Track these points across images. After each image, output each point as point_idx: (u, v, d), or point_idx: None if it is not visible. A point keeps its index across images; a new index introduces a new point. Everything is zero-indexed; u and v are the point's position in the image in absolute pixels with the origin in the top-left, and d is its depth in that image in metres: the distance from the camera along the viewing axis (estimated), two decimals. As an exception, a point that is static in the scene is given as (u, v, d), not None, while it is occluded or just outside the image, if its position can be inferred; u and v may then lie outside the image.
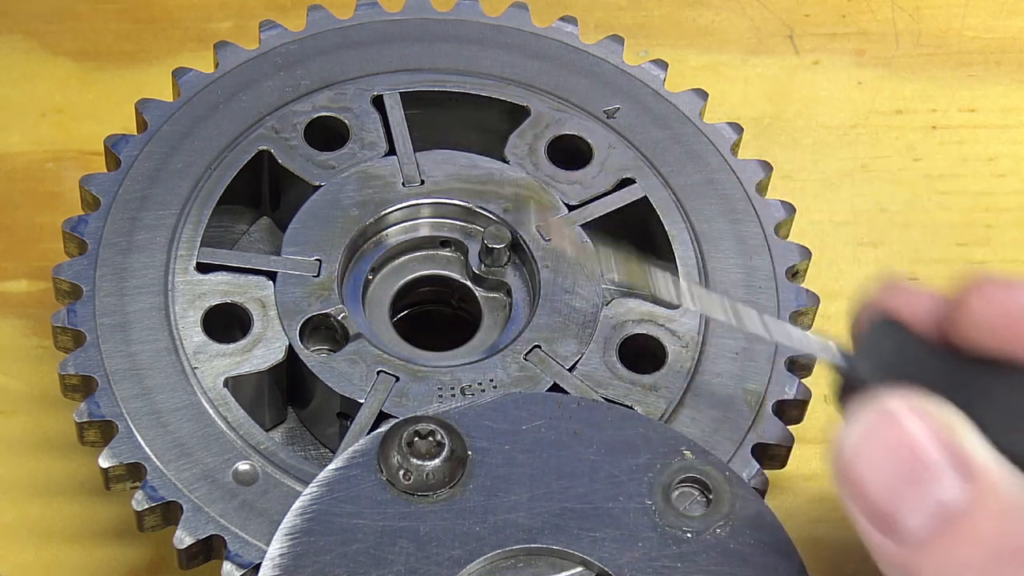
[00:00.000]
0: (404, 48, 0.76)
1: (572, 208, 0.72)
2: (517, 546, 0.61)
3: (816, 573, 0.73)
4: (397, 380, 0.67)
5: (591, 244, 0.71)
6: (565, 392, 0.67)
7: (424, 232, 0.72)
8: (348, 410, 0.67)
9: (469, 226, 0.72)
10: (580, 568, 0.61)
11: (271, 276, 0.69)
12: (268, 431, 0.69)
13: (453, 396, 0.67)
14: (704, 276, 0.71)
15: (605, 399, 0.67)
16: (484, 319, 0.72)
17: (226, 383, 0.67)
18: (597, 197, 0.72)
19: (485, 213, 0.72)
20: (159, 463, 0.65)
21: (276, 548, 0.61)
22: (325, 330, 0.69)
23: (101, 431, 0.66)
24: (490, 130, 0.75)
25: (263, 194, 0.74)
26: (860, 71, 0.89)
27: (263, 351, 0.68)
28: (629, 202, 0.72)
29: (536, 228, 0.71)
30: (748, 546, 0.61)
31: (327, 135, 0.73)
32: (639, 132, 0.74)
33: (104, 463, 0.65)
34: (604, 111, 0.75)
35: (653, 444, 0.63)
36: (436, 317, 0.74)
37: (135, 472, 0.65)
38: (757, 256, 0.71)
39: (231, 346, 0.67)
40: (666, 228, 0.72)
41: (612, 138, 0.74)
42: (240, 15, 0.88)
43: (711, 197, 0.73)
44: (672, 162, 0.74)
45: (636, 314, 0.70)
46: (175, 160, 0.72)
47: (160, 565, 0.72)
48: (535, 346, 0.68)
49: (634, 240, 0.74)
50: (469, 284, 0.72)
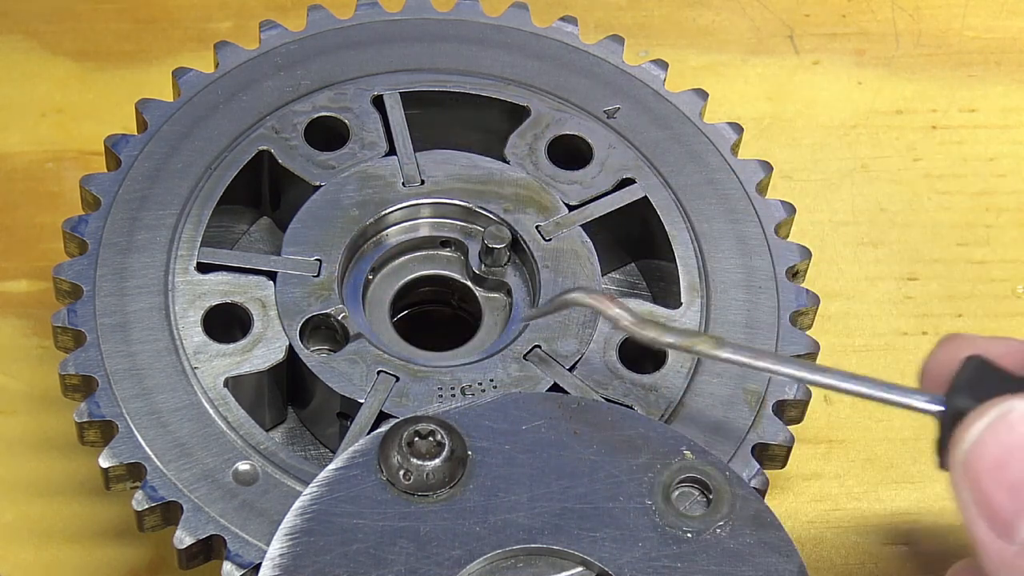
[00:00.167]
0: (404, 48, 0.76)
1: (572, 208, 0.72)
2: (517, 546, 0.61)
3: (816, 573, 0.73)
4: (397, 380, 0.67)
5: (591, 244, 0.71)
6: (565, 392, 0.67)
7: (424, 232, 0.72)
8: (348, 410, 0.67)
9: (469, 226, 0.72)
10: (580, 568, 0.61)
11: (271, 276, 0.69)
12: (268, 431, 0.69)
13: (453, 396, 0.67)
14: (704, 276, 0.71)
15: (605, 399, 0.67)
16: (484, 319, 0.72)
17: (226, 383, 0.67)
18: (597, 197, 0.72)
19: (485, 213, 0.72)
20: (159, 463, 0.65)
21: (276, 548, 0.61)
22: (325, 330, 0.69)
23: (101, 431, 0.66)
24: (490, 130, 0.75)
25: (263, 194, 0.74)
26: (860, 71, 0.89)
27: (263, 351, 0.68)
28: (629, 202, 0.72)
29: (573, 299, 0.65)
30: (748, 546, 0.61)
31: (327, 135, 0.73)
32: (639, 132, 0.74)
33: (104, 463, 0.65)
34: (604, 111, 0.75)
35: (653, 444, 0.63)
36: (436, 317, 0.74)
37: (135, 472, 0.65)
38: (757, 256, 0.71)
39: (231, 346, 0.67)
40: (666, 228, 0.72)
41: (612, 138, 0.74)
42: (240, 15, 0.88)
43: (711, 197, 0.73)
44: (672, 162, 0.74)
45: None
46: (175, 160, 0.72)
47: (160, 565, 0.72)
48: (535, 346, 0.68)
49: (634, 240, 0.74)
50: (469, 284, 0.72)
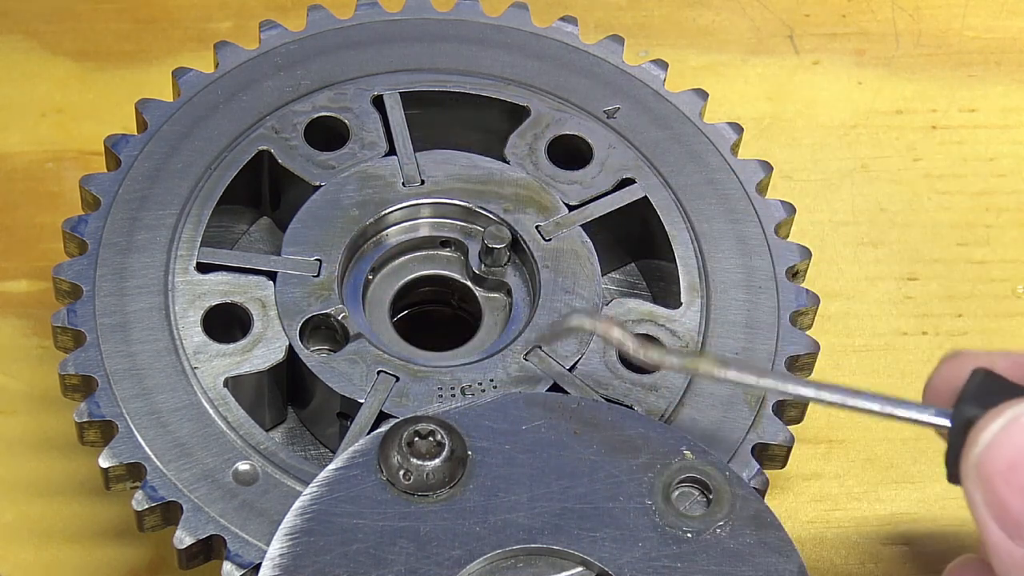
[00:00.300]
0: (404, 48, 0.76)
1: (572, 208, 0.72)
2: (517, 546, 0.61)
3: (816, 573, 0.73)
4: (397, 380, 0.67)
5: (591, 244, 0.71)
6: (565, 392, 0.67)
7: (424, 232, 0.72)
8: (348, 410, 0.67)
9: (469, 226, 0.72)
10: (580, 568, 0.61)
11: (271, 276, 0.69)
12: (268, 431, 0.69)
13: (453, 396, 0.67)
14: (704, 276, 0.71)
15: (605, 399, 0.67)
16: (484, 319, 0.72)
17: (226, 383, 0.67)
18: (597, 197, 0.72)
19: (485, 213, 0.72)
20: (159, 463, 0.65)
21: (276, 548, 0.61)
22: (325, 330, 0.69)
23: (101, 431, 0.66)
24: (490, 130, 0.75)
25: (263, 194, 0.74)
26: (860, 71, 0.89)
27: (263, 351, 0.68)
28: (629, 202, 0.72)
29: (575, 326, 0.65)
30: (748, 546, 0.61)
31: (327, 135, 0.73)
32: (639, 132, 0.74)
33: (104, 463, 0.65)
34: (604, 111, 0.75)
35: (653, 444, 0.63)
36: (436, 317, 0.74)
37: (135, 472, 0.65)
38: (757, 256, 0.71)
39: (231, 346, 0.67)
40: (666, 228, 0.72)
41: (612, 138, 0.74)
42: (240, 15, 0.88)
43: (711, 197, 0.73)
44: (672, 162, 0.74)
45: (636, 314, 0.70)
46: (175, 160, 0.72)
47: (160, 565, 0.72)
48: (535, 346, 0.68)
49: (634, 240, 0.74)
50: (469, 284, 0.72)
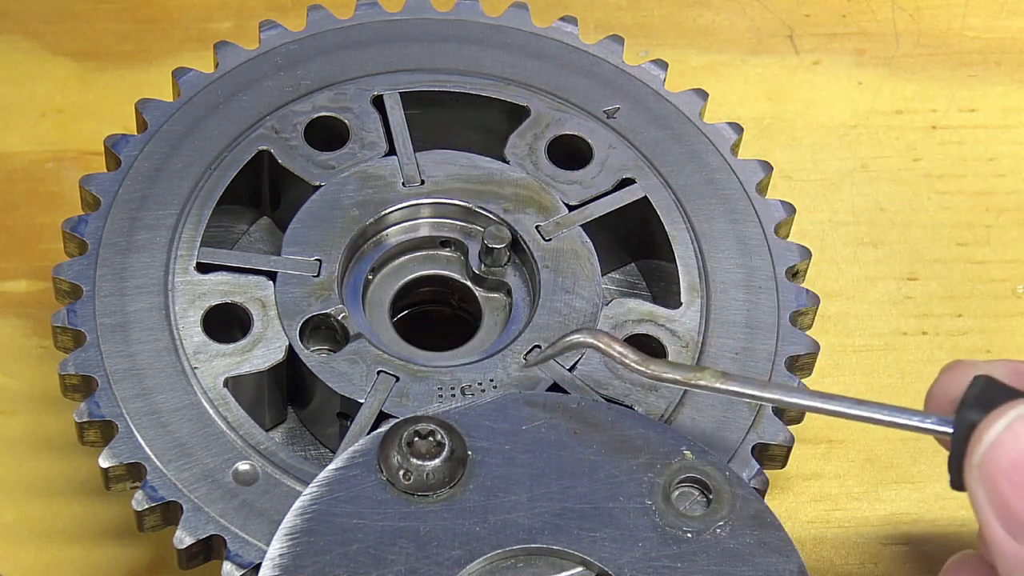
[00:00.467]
0: (404, 48, 0.76)
1: (572, 208, 0.72)
2: (517, 546, 0.61)
3: (816, 573, 0.73)
4: (397, 380, 0.67)
5: (591, 244, 0.71)
6: (565, 392, 0.67)
7: (424, 232, 0.72)
8: (348, 410, 0.67)
9: (469, 226, 0.72)
10: (580, 568, 0.61)
11: (271, 276, 0.69)
12: (268, 431, 0.69)
13: (453, 396, 0.67)
14: (704, 276, 0.71)
15: (605, 399, 0.67)
16: (484, 319, 0.72)
17: (226, 383, 0.67)
18: (597, 197, 0.72)
19: (485, 213, 0.72)
20: (159, 463, 0.65)
21: (276, 548, 0.61)
22: (325, 330, 0.69)
23: (101, 431, 0.66)
24: (490, 130, 0.75)
25: (263, 194, 0.74)
26: (860, 71, 0.89)
27: (263, 351, 0.68)
28: (629, 202, 0.72)
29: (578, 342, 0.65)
30: (748, 546, 0.61)
31: (327, 135, 0.73)
32: (639, 132, 0.74)
33: (104, 463, 0.65)
34: (604, 111, 0.75)
35: (653, 444, 0.63)
36: (436, 317, 0.74)
37: (135, 472, 0.65)
38: (757, 256, 0.71)
39: (231, 346, 0.67)
40: (666, 228, 0.72)
41: (612, 138, 0.74)
42: (240, 15, 0.88)
43: (711, 197, 0.73)
44: (672, 162, 0.74)
45: (636, 314, 0.70)
46: (175, 160, 0.72)
47: (160, 565, 0.72)
48: (535, 346, 0.68)
49: (634, 240, 0.74)
50: (469, 284, 0.72)
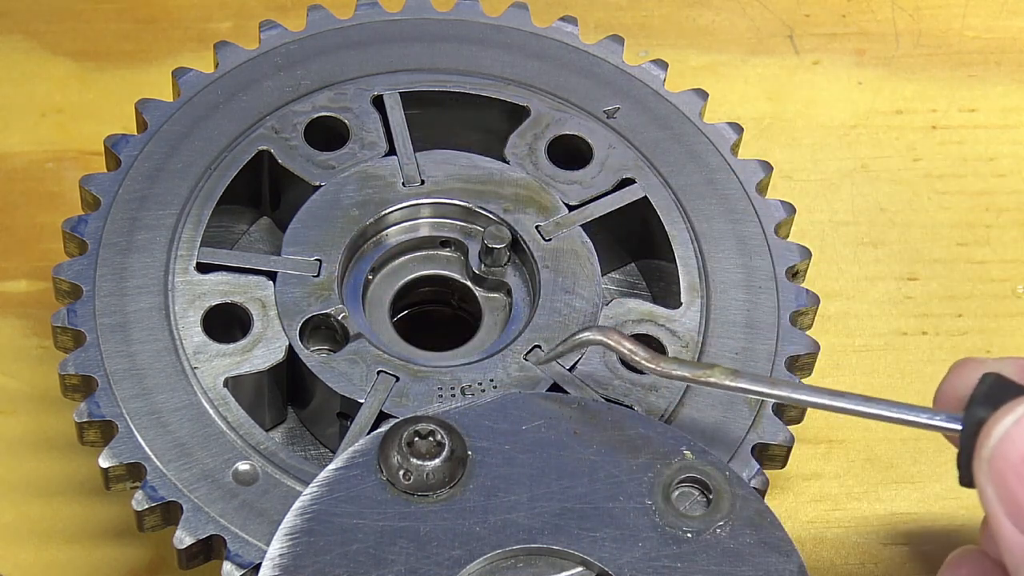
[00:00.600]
0: (404, 48, 0.76)
1: (572, 208, 0.72)
2: (517, 546, 0.61)
3: (816, 573, 0.73)
4: (397, 380, 0.67)
5: (591, 244, 0.71)
6: (565, 392, 0.67)
7: (424, 232, 0.72)
8: (348, 410, 0.67)
9: (469, 226, 0.72)
10: (580, 568, 0.61)
11: (271, 276, 0.69)
12: (268, 431, 0.69)
13: (453, 396, 0.67)
14: (704, 276, 0.71)
15: (605, 399, 0.67)
16: (484, 319, 0.72)
17: (226, 383, 0.67)
18: (597, 197, 0.72)
19: (485, 213, 0.72)
20: (159, 463, 0.65)
21: (276, 548, 0.61)
22: (325, 330, 0.69)
23: (101, 431, 0.66)
24: (490, 130, 0.75)
25: (263, 194, 0.74)
26: (860, 71, 0.89)
27: (263, 351, 0.68)
28: (629, 202, 0.72)
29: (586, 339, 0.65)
30: (748, 546, 0.61)
31: (327, 135, 0.73)
32: (639, 132, 0.74)
33: (104, 463, 0.65)
34: (604, 111, 0.75)
35: (653, 444, 0.63)
36: (436, 317, 0.74)
37: (135, 472, 0.65)
38: (757, 256, 0.71)
39: (231, 346, 0.67)
40: (666, 228, 0.72)
41: (612, 138, 0.74)
42: (240, 15, 0.88)
43: (711, 197, 0.73)
44: (672, 162, 0.74)
45: (636, 314, 0.70)
46: (175, 160, 0.72)
47: (160, 565, 0.72)
48: (535, 346, 0.68)
49: (634, 240, 0.74)
50: (469, 284, 0.72)
